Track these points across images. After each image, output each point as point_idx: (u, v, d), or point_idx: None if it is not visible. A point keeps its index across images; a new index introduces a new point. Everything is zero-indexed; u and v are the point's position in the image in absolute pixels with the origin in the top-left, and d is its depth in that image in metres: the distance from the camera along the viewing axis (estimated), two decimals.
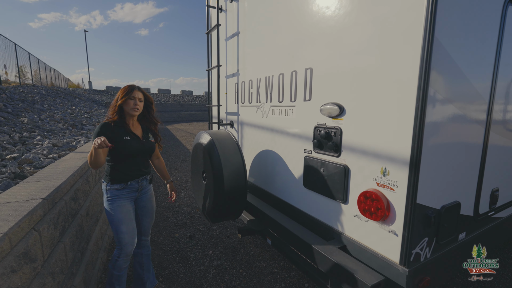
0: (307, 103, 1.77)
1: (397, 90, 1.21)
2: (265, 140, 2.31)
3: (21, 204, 1.55)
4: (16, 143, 3.50)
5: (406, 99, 1.17)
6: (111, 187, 1.83)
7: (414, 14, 1.12)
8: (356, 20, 1.39)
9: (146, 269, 2.12)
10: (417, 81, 1.13)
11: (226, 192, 1.98)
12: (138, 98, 1.85)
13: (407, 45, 1.16)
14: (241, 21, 2.50)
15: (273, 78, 2.11)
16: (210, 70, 3.05)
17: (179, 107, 29.33)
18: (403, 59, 1.18)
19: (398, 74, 1.20)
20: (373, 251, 1.39)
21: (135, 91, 1.85)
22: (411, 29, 1.14)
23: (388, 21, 1.22)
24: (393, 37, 1.21)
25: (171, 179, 2.25)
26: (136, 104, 1.83)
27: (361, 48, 1.37)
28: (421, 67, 1.11)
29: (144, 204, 2.02)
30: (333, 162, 1.59)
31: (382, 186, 1.31)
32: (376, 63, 1.29)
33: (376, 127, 1.32)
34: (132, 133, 1.86)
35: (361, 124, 1.40)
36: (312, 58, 1.70)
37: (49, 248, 1.60)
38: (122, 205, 1.84)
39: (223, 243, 3.10)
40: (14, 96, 7.11)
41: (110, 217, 1.83)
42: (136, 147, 1.85)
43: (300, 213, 1.93)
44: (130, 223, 1.87)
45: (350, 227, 1.53)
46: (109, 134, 1.73)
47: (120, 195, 1.84)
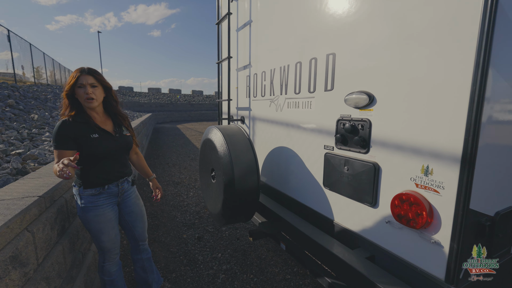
0: (329, 93, 1.57)
1: (448, 72, 1.00)
2: (279, 136, 2.12)
3: (15, 202, 1.43)
4: (24, 139, 3.45)
5: (460, 82, 0.96)
6: (84, 192, 1.52)
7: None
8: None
9: (150, 271, 1.96)
10: (474, 59, 0.91)
11: (237, 191, 1.80)
12: (89, 84, 1.46)
13: (464, 13, 0.95)
14: (254, 8, 2.32)
15: (289, 68, 1.92)
16: (220, 62, 2.89)
17: (189, 107, 29.50)
18: (459, 31, 0.97)
19: (450, 53, 0.99)
20: (410, 263, 1.18)
21: (82, 76, 1.46)
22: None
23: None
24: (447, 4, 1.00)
25: (154, 175, 2.00)
26: (87, 93, 1.45)
27: (402, 23, 1.16)
28: (480, 39, 0.90)
29: (131, 209, 1.77)
30: (359, 160, 1.38)
31: (423, 188, 1.10)
32: (420, 38, 1.08)
33: (416, 118, 1.11)
34: (100, 129, 1.54)
35: (396, 114, 1.19)
36: (335, 42, 1.50)
37: (44, 251, 1.47)
38: (100, 214, 1.56)
39: (233, 245, 2.93)
40: (27, 94, 7.20)
41: (87, 226, 1.58)
42: (108, 145, 1.54)
43: (319, 216, 1.73)
44: (112, 230, 1.64)
45: (381, 234, 1.32)
46: (70, 134, 1.42)
47: (96, 202, 1.55)
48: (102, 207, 1.59)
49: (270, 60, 2.15)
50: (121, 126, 1.70)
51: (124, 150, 1.68)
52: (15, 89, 6.97)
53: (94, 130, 1.53)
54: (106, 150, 1.55)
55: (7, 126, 3.80)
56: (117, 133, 1.65)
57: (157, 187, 2.01)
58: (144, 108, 25.15)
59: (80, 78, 1.47)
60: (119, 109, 1.71)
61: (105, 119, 1.64)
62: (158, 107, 26.78)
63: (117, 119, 1.69)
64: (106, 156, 1.57)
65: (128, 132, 1.73)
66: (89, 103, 1.50)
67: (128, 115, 1.93)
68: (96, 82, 1.51)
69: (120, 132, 1.66)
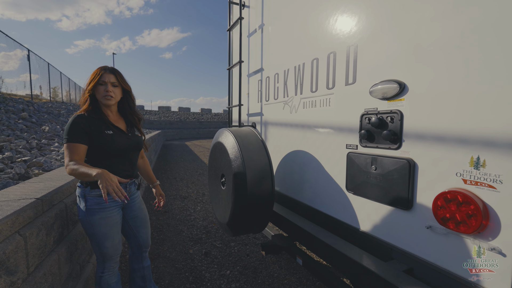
0: (350, 87, 1.45)
1: (499, 47, 0.86)
2: (294, 140, 1.98)
3: (10, 204, 1.31)
4: (32, 148, 3.42)
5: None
6: (90, 193, 1.44)
7: None
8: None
9: (149, 280, 1.83)
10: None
11: (250, 196, 1.64)
12: (111, 83, 1.48)
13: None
14: (266, 11, 2.28)
15: (305, 66, 1.82)
16: (231, 68, 2.84)
17: (198, 124, 29.89)
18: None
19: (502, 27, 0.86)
20: (460, 277, 0.98)
21: (105, 73, 1.48)
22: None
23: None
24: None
25: (158, 182, 1.92)
26: (107, 90, 1.46)
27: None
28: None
29: (135, 214, 1.68)
30: (390, 156, 1.22)
31: (474, 184, 0.93)
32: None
33: (459, 102, 0.96)
34: (114, 126, 1.52)
35: (433, 102, 1.05)
36: (357, 32, 1.40)
37: (37, 258, 1.32)
38: (106, 216, 1.46)
39: (242, 262, 2.70)
40: (41, 109, 7.36)
41: (90, 230, 1.45)
42: (122, 143, 1.50)
43: (342, 225, 1.54)
44: (117, 236, 1.53)
45: (419, 243, 1.13)
46: (86, 128, 1.40)
47: (103, 204, 1.45)
48: (108, 210, 1.48)
49: (283, 61, 2.07)
50: (133, 127, 1.68)
51: (136, 149, 1.64)
52: (30, 104, 7.15)
53: (108, 127, 1.50)
54: (119, 147, 1.50)
55: (17, 136, 3.80)
56: (130, 132, 1.62)
57: (160, 194, 1.92)
58: (154, 125, 25.58)
59: (103, 76, 1.48)
60: (136, 110, 1.70)
61: (118, 118, 1.63)
62: (167, 125, 27.20)
63: (130, 120, 1.67)
64: (119, 153, 1.52)
65: (139, 134, 1.71)
66: (106, 100, 1.49)
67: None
68: (116, 82, 1.53)
69: (132, 132, 1.64)
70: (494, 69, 0.88)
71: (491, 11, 0.88)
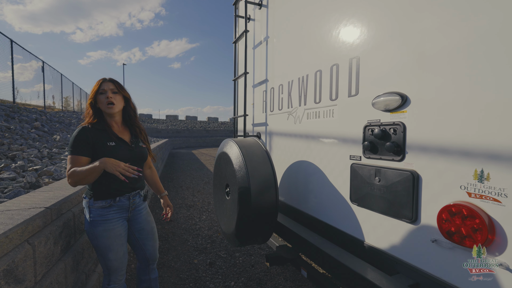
0: (353, 98, 1.46)
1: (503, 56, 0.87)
2: (298, 150, 1.99)
3: (20, 213, 1.35)
4: (43, 157, 3.51)
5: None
6: (94, 205, 1.46)
7: None
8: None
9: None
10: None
11: (254, 206, 1.65)
12: (110, 90, 1.53)
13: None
14: (271, 24, 2.33)
15: (308, 78, 1.84)
16: (236, 79, 2.89)
17: (204, 133, 30.11)
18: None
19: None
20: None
21: (104, 82, 1.54)
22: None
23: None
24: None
25: (166, 193, 1.91)
26: (108, 97, 1.50)
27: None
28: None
29: (141, 226, 1.67)
30: (393, 168, 1.22)
31: (479, 197, 0.92)
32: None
33: (462, 114, 0.96)
34: (117, 137, 1.54)
35: (436, 114, 1.05)
36: (359, 45, 1.42)
37: (44, 267, 1.35)
38: (109, 228, 1.47)
39: (247, 273, 2.68)
40: (54, 119, 7.57)
41: (94, 241, 1.47)
42: (123, 154, 1.51)
43: (346, 237, 1.52)
44: (121, 248, 1.52)
45: (425, 256, 1.11)
46: (90, 139, 1.43)
47: (107, 216, 1.47)
48: (111, 222, 1.49)
49: (287, 73, 2.10)
50: (138, 138, 1.69)
51: (139, 161, 1.64)
52: (43, 113, 7.38)
53: (111, 138, 1.52)
54: (120, 158, 1.49)
55: (29, 145, 3.92)
56: (133, 143, 1.63)
57: (168, 204, 1.91)
58: (161, 134, 25.91)
59: (102, 85, 1.54)
60: (137, 121, 1.72)
61: (123, 129, 1.65)
62: (174, 133, 27.51)
63: (135, 131, 1.68)
64: None
65: (144, 145, 1.71)
66: (109, 109, 1.52)
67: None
68: (116, 89, 1.56)
69: (136, 143, 1.64)
70: (498, 82, 0.88)
71: (486, 31, 0.89)
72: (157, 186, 1.91)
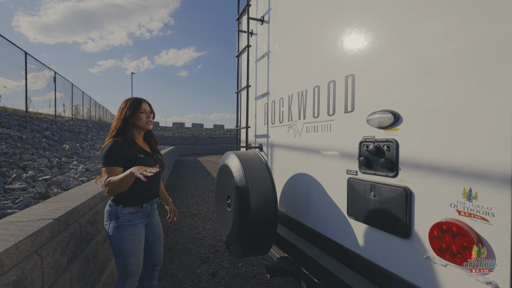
0: (349, 114, 1.50)
1: (492, 79, 0.90)
2: (298, 162, 2.03)
3: (30, 224, 1.42)
4: (53, 166, 3.63)
5: (506, 93, 0.86)
6: (123, 211, 1.60)
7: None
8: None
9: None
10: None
11: (253, 219, 1.69)
12: (149, 111, 1.77)
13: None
14: (272, 40, 2.41)
15: (307, 93, 1.90)
16: (239, 92, 2.97)
17: (210, 140, 30.29)
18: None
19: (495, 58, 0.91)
20: None
21: (143, 103, 1.74)
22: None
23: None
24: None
25: (171, 200, 2.08)
26: (150, 117, 1.75)
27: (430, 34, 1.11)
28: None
29: (155, 231, 1.82)
30: (387, 184, 1.25)
31: (468, 215, 0.94)
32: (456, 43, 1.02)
33: (452, 134, 1.00)
34: (143, 150, 1.73)
35: (426, 133, 1.09)
36: (354, 63, 1.47)
37: (51, 277, 1.41)
38: (135, 233, 1.63)
39: (249, 284, 2.69)
40: (64, 127, 7.79)
41: (119, 245, 1.58)
42: (151, 164, 1.69)
43: (344, 250, 1.54)
44: (141, 253, 1.66)
45: (419, 272, 1.13)
46: (122, 152, 1.59)
47: (133, 221, 1.63)
48: (137, 226, 1.63)
49: (288, 87, 2.16)
50: (154, 150, 1.86)
51: (162, 170, 1.79)
52: (54, 122, 7.60)
53: (139, 151, 1.69)
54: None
55: (40, 155, 4.05)
56: (154, 154, 1.81)
57: (173, 210, 2.05)
58: (168, 141, 26.22)
59: (143, 105, 1.74)
60: (153, 133, 1.92)
61: (143, 143, 1.82)
62: (181, 140, 27.80)
63: (151, 142, 1.86)
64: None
65: (160, 155, 1.91)
66: (148, 125, 1.75)
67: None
68: (150, 109, 1.80)
69: (156, 155, 1.83)
70: (485, 104, 0.91)
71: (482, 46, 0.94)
72: (163, 194, 2.06)
